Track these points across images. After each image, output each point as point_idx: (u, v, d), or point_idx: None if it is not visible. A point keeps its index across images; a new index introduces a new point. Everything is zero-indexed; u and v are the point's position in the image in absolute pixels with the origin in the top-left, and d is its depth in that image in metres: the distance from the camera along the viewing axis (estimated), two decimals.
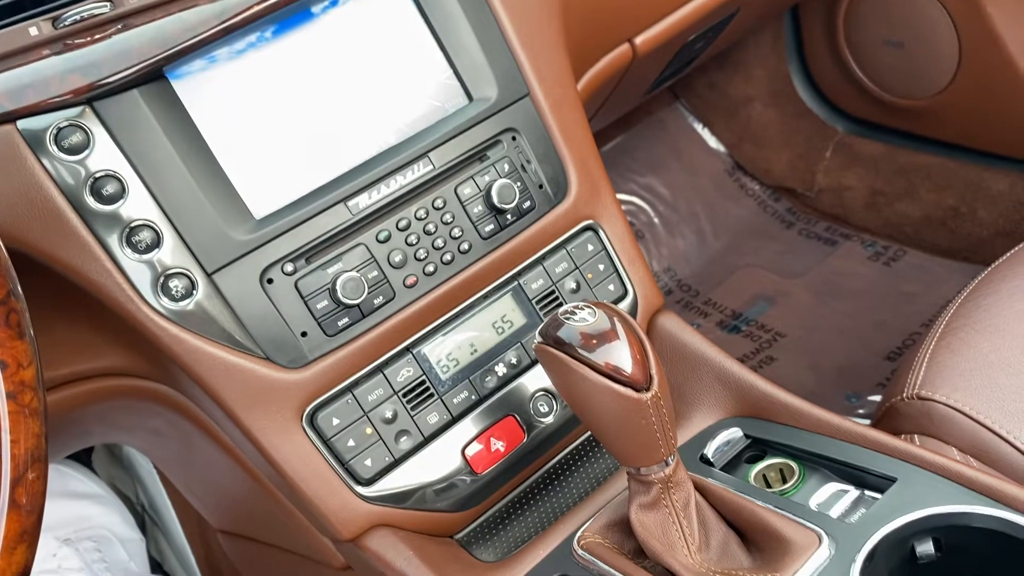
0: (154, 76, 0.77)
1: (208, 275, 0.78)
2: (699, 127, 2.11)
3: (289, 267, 0.80)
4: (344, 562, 0.87)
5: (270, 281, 0.80)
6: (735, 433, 0.85)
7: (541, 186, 0.92)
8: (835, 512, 0.75)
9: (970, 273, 1.67)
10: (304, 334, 0.80)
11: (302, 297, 0.80)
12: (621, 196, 2.02)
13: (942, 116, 1.68)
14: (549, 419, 0.89)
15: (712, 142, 2.11)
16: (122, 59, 0.76)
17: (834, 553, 0.68)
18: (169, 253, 0.77)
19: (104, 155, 0.75)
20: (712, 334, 1.80)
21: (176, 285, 0.77)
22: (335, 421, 0.81)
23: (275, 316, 0.80)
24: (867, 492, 0.75)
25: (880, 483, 0.75)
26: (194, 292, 0.77)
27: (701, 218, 2.02)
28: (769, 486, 0.81)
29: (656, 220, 2.01)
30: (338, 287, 0.80)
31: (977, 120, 1.63)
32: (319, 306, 0.81)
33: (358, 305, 0.81)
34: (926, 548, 0.66)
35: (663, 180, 2.05)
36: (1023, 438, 0.91)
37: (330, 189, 0.82)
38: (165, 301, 0.77)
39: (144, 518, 1.52)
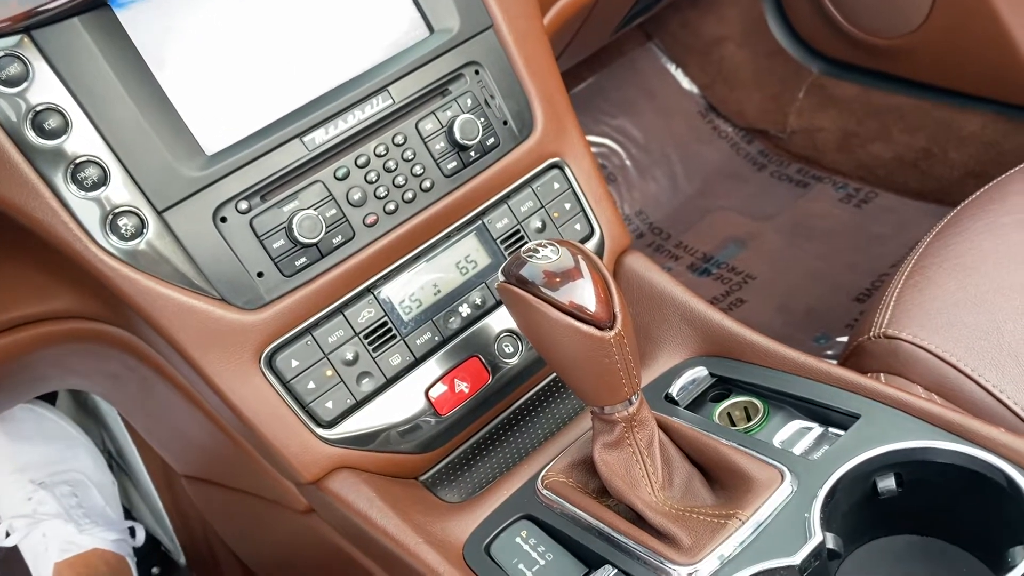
0: (96, 4, 0.74)
1: (159, 213, 0.75)
2: (672, 67, 2.08)
3: (243, 205, 0.78)
4: (308, 505, 0.86)
5: (224, 220, 0.77)
6: (700, 372, 0.84)
7: (505, 122, 0.89)
8: (799, 449, 0.75)
9: (940, 215, 1.66)
10: (260, 274, 0.78)
11: (257, 236, 0.78)
12: (593, 138, 1.99)
13: (916, 55, 1.66)
14: (514, 360, 0.88)
15: (685, 83, 2.08)
16: None
17: (796, 489, 0.68)
18: (117, 190, 0.74)
19: (45, 87, 0.72)
20: (683, 277, 1.80)
21: (125, 223, 0.74)
22: (294, 363, 0.79)
23: (230, 256, 0.77)
24: (831, 429, 0.75)
25: (844, 420, 0.75)
26: (144, 231, 0.74)
27: (673, 161, 2.00)
28: (734, 424, 0.81)
29: (628, 163, 1.99)
30: (294, 226, 0.77)
31: (950, 59, 1.61)
32: (275, 246, 0.78)
33: (316, 245, 0.79)
34: (887, 483, 0.66)
35: (635, 122, 2.02)
36: (987, 375, 0.91)
37: (285, 124, 0.79)
38: (114, 240, 0.74)
39: (112, 464, 1.51)
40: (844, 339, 1.58)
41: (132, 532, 1.37)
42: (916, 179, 1.78)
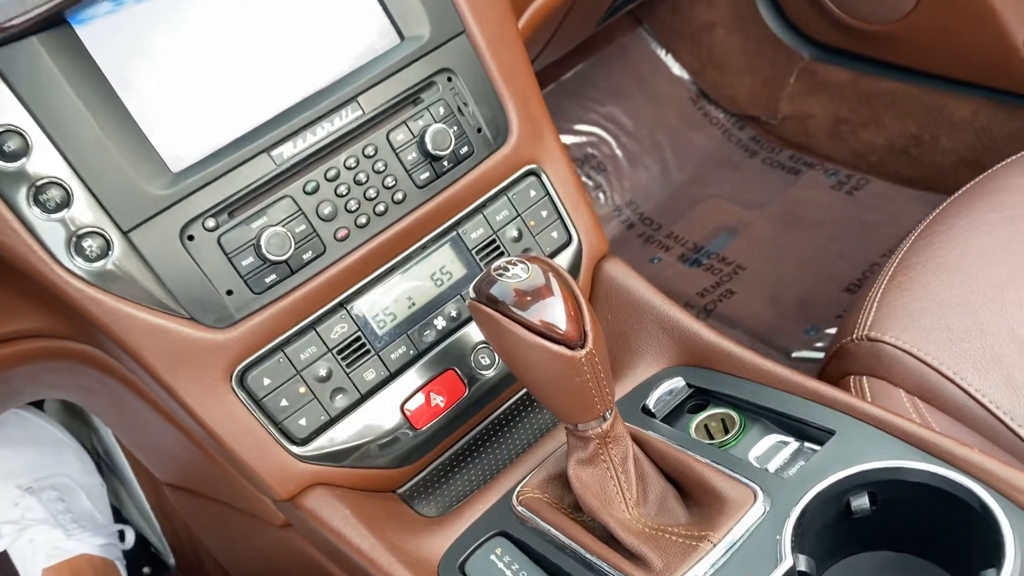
0: (55, 22, 0.72)
1: (124, 233, 0.74)
2: (662, 53, 2.06)
3: (211, 223, 0.77)
4: (285, 519, 0.85)
5: (191, 238, 0.76)
6: (678, 383, 0.84)
7: (479, 130, 0.88)
8: (774, 465, 0.74)
9: (932, 202, 1.65)
10: (230, 292, 0.77)
11: (226, 254, 0.77)
12: (582, 127, 1.97)
13: (907, 41, 1.63)
14: (490, 372, 0.87)
15: (675, 69, 2.05)
16: (17, 3, 0.70)
17: (768, 510, 0.67)
18: (81, 211, 0.73)
19: (4, 109, 0.70)
20: (673, 268, 1.79)
21: (90, 245, 0.73)
22: (266, 381, 0.78)
23: (198, 275, 0.76)
24: (806, 444, 0.74)
25: (819, 435, 0.74)
26: (110, 252, 0.73)
27: (664, 148, 1.98)
28: (711, 436, 0.80)
29: (618, 152, 1.97)
30: (263, 242, 0.76)
31: (941, 45, 1.59)
32: (244, 263, 0.77)
33: (285, 261, 0.78)
34: (861, 502, 0.66)
35: (625, 109, 2.00)
36: (969, 379, 0.91)
37: (252, 139, 0.78)
38: (79, 262, 0.73)
39: (101, 465, 1.51)
40: (834, 331, 1.57)
41: (121, 535, 1.37)
42: (908, 166, 1.76)
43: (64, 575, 1.25)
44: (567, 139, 1.93)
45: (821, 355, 1.57)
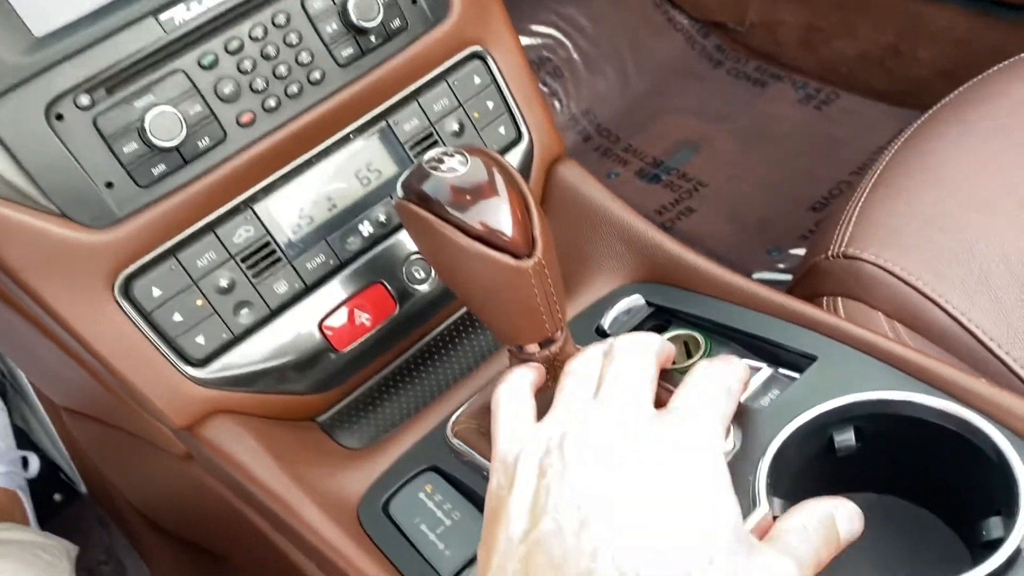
0: None
1: None
2: None
3: (84, 99, 0.63)
4: (186, 450, 0.75)
5: (59, 117, 0.63)
6: (636, 301, 0.74)
7: (415, 1, 0.75)
8: (744, 394, 0.65)
9: (904, 118, 1.55)
10: (110, 185, 0.64)
11: (103, 138, 0.64)
12: (537, 28, 1.83)
13: None
14: (425, 287, 0.76)
15: None
16: None
17: (739, 446, 0.58)
18: None
19: None
20: (631, 184, 1.68)
21: None
22: (156, 292, 0.66)
23: (69, 162, 0.63)
24: (781, 370, 0.65)
25: (797, 360, 0.65)
26: None
27: (624, 55, 1.85)
28: (674, 362, 0.70)
29: (576, 56, 1.83)
30: (148, 125, 0.63)
31: None
32: (126, 149, 0.64)
33: (177, 148, 0.65)
34: (846, 439, 0.57)
35: (584, 11, 1.86)
36: (955, 302, 0.82)
37: None
38: None
39: (5, 386, 1.38)
40: (798, 251, 1.49)
41: (25, 463, 1.25)
42: (881, 79, 1.66)
43: None
44: (521, 40, 1.79)
45: (785, 276, 1.49)
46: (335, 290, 0.73)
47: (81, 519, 1.32)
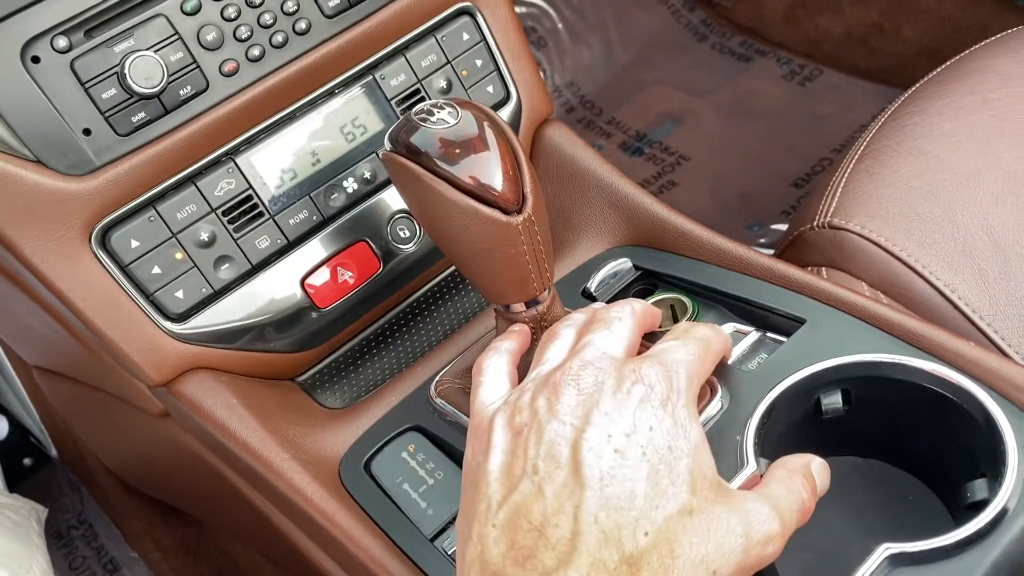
0: None
1: None
2: None
3: (62, 42, 0.61)
4: (163, 408, 0.73)
5: (36, 60, 0.61)
6: (624, 264, 0.73)
7: None
8: (731, 356, 0.64)
9: (887, 96, 1.55)
10: (87, 132, 0.62)
11: (81, 83, 0.62)
12: None
13: None
14: (410, 247, 0.75)
15: None
16: None
17: (727, 406, 0.58)
18: None
19: None
20: (614, 156, 1.67)
21: None
22: (134, 243, 0.65)
23: (46, 107, 0.61)
24: (769, 334, 0.65)
25: (784, 324, 0.64)
26: None
27: (609, 26, 1.84)
28: (660, 326, 0.70)
29: (560, 26, 1.81)
30: (128, 70, 0.61)
31: None
32: (105, 95, 0.62)
33: (157, 96, 0.63)
34: (833, 401, 0.57)
35: None
36: (939, 273, 0.82)
37: None
38: None
39: None
40: (779, 227, 1.49)
41: None
42: (865, 56, 1.66)
43: None
44: None
45: (766, 251, 1.49)
46: (318, 247, 0.72)
47: (51, 483, 1.30)
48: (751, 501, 0.46)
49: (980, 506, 0.50)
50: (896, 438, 0.58)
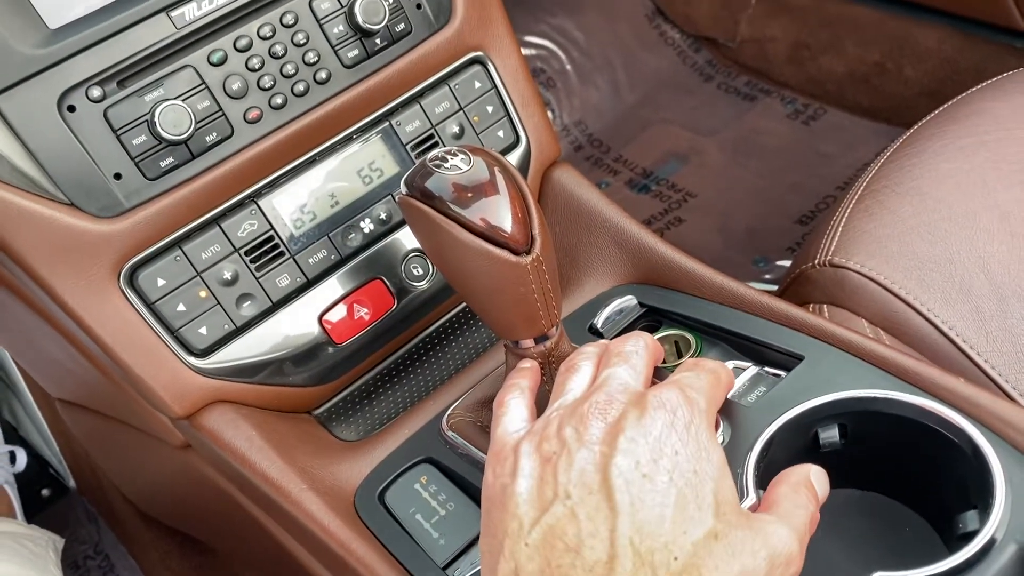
0: None
1: None
2: None
3: (96, 92, 0.65)
4: (184, 440, 0.76)
5: (71, 109, 0.64)
6: (629, 301, 0.76)
7: (419, 6, 0.77)
8: (731, 392, 0.67)
9: (890, 135, 1.59)
10: (118, 176, 0.66)
11: (113, 130, 0.65)
12: (532, 39, 1.85)
13: None
14: (423, 284, 0.78)
15: None
16: None
17: (727, 440, 0.60)
18: None
19: None
20: (620, 194, 1.71)
21: None
22: (160, 282, 0.68)
23: (80, 153, 0.65)
24: (767, 369, 0.67)
25: (783, 360, 0.67)
26: None
27: (616, 67, 1.88)
28: (663, 360, 0.72)
29: (568, 67, 1.86)
30: (158, 119, 0.65)
31: None
32: (136, 142, 0.66)
33: (185, 142, 0.67)
34: (830, 435, 0.59)
35: (578, 23, 1.88)
36: (937, 310, 0.85)
37: None
38: None
39: None
40: (784, 263, 1.52)
41: (12, 457, 1.25)
42: (867, 96, 1.70)
43: None
44: None
45: (770, 287, 1.51)
46: (335, 285, 0.75)
47: (69, 514, 1.33)
48: (770, 524, 0.48)
49: (971, 536, 0.52)
50: (892, 471, 0.60)
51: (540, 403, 0.63)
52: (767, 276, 1.50)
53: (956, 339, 0.83)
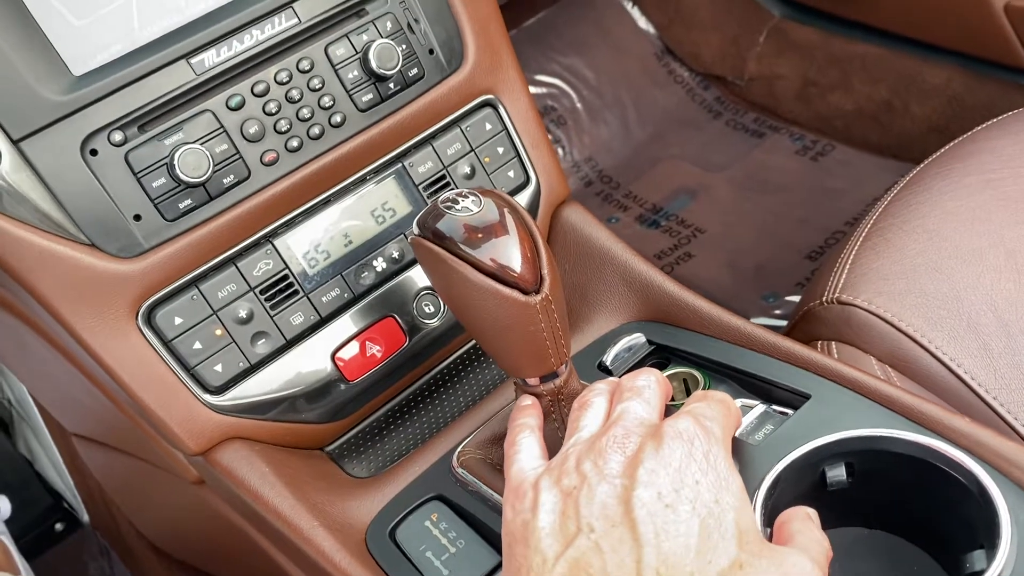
0: None
1: (14, 142, 0.64)
2: (629, 5, 1.97)
3: (117, 136, 0.67)
4: (198, 475, 0.77)
5: (94, 152, 0.66)
6: (638, 339, 0.76)
7: (432, 51, 0.79)
8: (739, 429, 0.67)
9: (898, 171, 1.60)
10: (138, 218, 0.68)
11: (134, 173, 0.67)
12: (542, 78, 1.88)
13: (881, 1, 1.57)
14: (435, 322, 0.79)
15: (641, 22, 1.97)
16: None
17: None
18: None
19: None
20: (630, 229, 1.72)
21: None
22: (177, 320, 0.69)
23: (101, 195, 0.66)
24: (774, 407, 0.68)
25: (790, 398, 0.67)
26: None
27: (626, 105, 1.91)
28: (672, 398, 0.73)
29: (579, 105, 1.88)
30: (177, 162, 0.67)
31: (916, 6, 1.53)
32: (155, 184, 0.68)
33: (203, 184, 0.69)
34: (837, 473, 0.59)
35: (588, 62, 1.91)
36: (944, 348, 0.85)
37: (169, 42, 0.68)
38: None
39: (12, 413, 1.40)
40: (794, 298, 1.52)
41: None
42: (876, 132, 1.71)
43: None
44: None
45: (780, 323, 1.52)
46: (348, 323, 0.76)
47: (82, 549, 1.33)
48: (792, 555, 0.48)
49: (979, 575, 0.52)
50: (899, 510, 0.60)
51: (547, 441, 0.64)
52: (777, 312, 1.50)
53: (964, 376, 0.83)
